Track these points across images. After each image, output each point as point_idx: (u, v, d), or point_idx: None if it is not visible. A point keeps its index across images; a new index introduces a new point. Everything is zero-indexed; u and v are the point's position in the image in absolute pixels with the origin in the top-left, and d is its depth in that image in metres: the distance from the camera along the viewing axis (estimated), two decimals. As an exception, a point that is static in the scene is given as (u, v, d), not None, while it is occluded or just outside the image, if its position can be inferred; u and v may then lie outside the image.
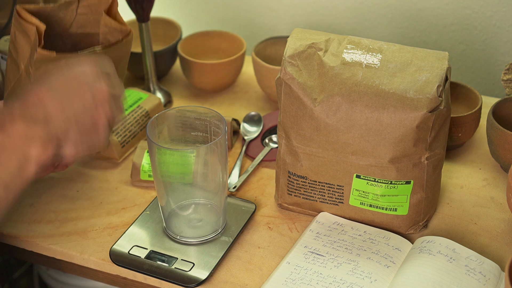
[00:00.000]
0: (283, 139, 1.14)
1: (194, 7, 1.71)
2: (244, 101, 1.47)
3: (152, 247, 1.11)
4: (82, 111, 0.85)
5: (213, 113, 1.10)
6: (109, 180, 1.27)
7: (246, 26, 1.68)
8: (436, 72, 1.05)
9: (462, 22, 1.51)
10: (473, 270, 1.03)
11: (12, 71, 1.10)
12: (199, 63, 1.44)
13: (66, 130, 0.84)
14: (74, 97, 0.85)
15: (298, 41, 1.10)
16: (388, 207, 1.11)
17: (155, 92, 1.45)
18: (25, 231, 1.17)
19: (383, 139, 1.06)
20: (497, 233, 1.14)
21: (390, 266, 1.06)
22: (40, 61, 1.05)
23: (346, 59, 1.08)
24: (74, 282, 1.49)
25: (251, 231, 1.16)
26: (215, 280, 1.07)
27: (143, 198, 1.23)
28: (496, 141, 1.21)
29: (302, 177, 1.14)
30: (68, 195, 1.24)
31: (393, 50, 1.09)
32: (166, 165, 1.07)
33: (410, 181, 1.09)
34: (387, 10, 1.55)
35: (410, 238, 1.13)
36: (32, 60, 1.04)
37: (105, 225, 1.17)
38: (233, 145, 1.35)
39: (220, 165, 1.08)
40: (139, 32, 1.40)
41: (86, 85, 0.85)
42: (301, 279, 1.05)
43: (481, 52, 1.53)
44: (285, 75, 1.09)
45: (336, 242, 1.11)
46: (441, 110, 1.05)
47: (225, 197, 1.12)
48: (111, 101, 0.88)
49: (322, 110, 1.07)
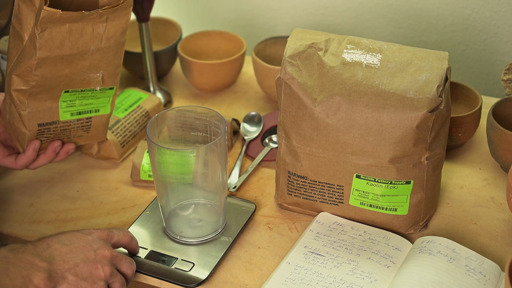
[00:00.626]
0: (283, 139, 1.14)
1: (194, 7, 1.71)
2: (244, 101, 1.47)
3: (152, 247, 1.11)
4: (82, 262, 0.96)
5: (213, 113, 1.10)
6: (109, 180, 1.27)
7: (246, 26, 1.68)
8: (436, 72, 1.05)
9: (462, 22, 1.51)
10: (473, 270, 1.03)
11: (15, 47, 1.10)
12: (199, 63, 1.44)
13: (65, 273, 0.94)
14: (78, 250, 0.97)
15: (298, 41, 1.10)
16: (388, 207, 1.11)
17: (155, 92, 1.45)
18: (25, 231, 1.17)
19: (383, 139, 1.06)
20: (497, 233, 1.14)
21: (390, 266, 1.06)
22: (45, 22, 1.05)
23: (346, 59, 1.08)
24: (74, 282, 1.49)
25: (251, 231, 1.16)
26: (215, 280, 1.07)
27: (143, 198, 1.23)
28: (496, 141, 1.21)
29: (302, 177, 1.14)
30: (68, 195, 1.24)
31: (393, 50, 1.09)
32: (166, 165, 1.07)
33: (410, 181, 1.09)
34: (387, 10, 1.55)
35: (410, 238, 1.13)
36: (38, 21, 1.05)
37: (105, 225, 1.17)
38: (233, 145, 1.35)
39: (220, 165, 1.08)
40: (139, 32, 1.40)
41: (90, 245, 0.98)
42: (301, 279, 1.05)
43: (481, 52, 1.53)
44: (285, 75, 1.09)
45: (336, 242, 1.11)
46: (441, 110, 1.05)
47: (225, 197, 1.12)
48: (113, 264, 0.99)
49: (322, 110, 1.07)
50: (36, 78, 1.09)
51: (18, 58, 1.09)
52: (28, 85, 1.10)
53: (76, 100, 1.16)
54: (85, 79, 1.14)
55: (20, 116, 1.13)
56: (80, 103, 1.17)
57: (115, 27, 1.12)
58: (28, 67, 1.08)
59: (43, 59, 1.08)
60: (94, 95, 1.17)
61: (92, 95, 1.17)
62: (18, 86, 1.10)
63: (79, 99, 1.16)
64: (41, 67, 1.08)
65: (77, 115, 1.18)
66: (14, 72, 1.10)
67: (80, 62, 1.12)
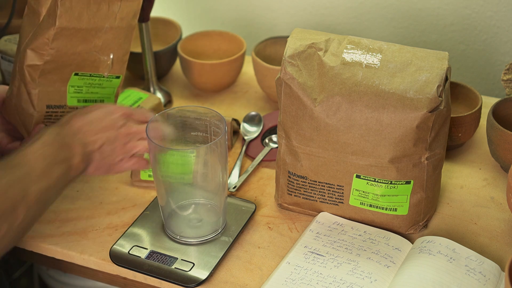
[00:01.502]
0: (283, 139, 1.14)
1: (194, 7, 1.71)
2: (244, 101, 1.47)
3: (152, 247, 1.11)
4: (107, 142, 1.07)
5: (213, 113, 1.10)
6: (109, 180, 1.27)
7: (246, 26, 1.68)
8: (436, 72, 1.05)
9: (462, 22, 1.51)
10: (473, 270, 1.03)
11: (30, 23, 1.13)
12: (199, 63, 1.44)
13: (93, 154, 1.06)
14: (104, 131, 1.07)
15: (298, 41, 1.10)
16: (388, 207, 1.11)
17: (155, 92, 1.45)
18: (25, 231, 1.17)
19: (383, 139, 1.06)
20: (497, 233, 1.14)
21: (390, 266, 1.06)
22: None
23: (346, 59, 1.08)
24: (74, 282, 1.49)
25: (251, 231, 1.16)
26: (215, 280, 1.07)
27: (143, 198, 1.23)
28: (496, 141, 1.21)
29: (302, 177, 1.14)
30: (68, 195, 1.24)
31: (393, 50, 1.09)
32: (166, 165, 1.07)
33: (410, 181, 1.09)
34: (387, 10, 1.55)
35: (410, 238, 1.13)
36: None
37: (105, 225, 1.17)
38: (233, 145, 1.35)
39: (220, 165, 1.08)
40: (139, 32, 1.40)
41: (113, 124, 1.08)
42: (301, 279, 1.05)
43: (481, 52, 1.53)
44: (285, 75, 1.09)
45: (336, 242, 1.11)
46: (441, 110, 1.05)
47: (225, 197, 1.12)
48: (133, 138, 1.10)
49: (322, 110, 1.07)
50: (52, 51, 1.12)
51: (34, 33, 1.12)
52: (42, 60, 1.12)
53: (83, 86, 1.18)
54: (95, 61, 1.17)
55: (29, 96, 1.14)
56: (87, 91, 1.19)
57: (128, 7, 1.16)
58: (46, 39, 1.11)
59: (62, 29, 1.10)
60: (100, 84, 1.20)
61: (99, 84, 1.20)
62: (31, 61, 1.12)
63: (86, 86, 1.19)
64: (58, 39, 1.11)
65: (84, 103, 1.20)
66: (30, 46, 1.12)
67: (93, 40, 1.15)
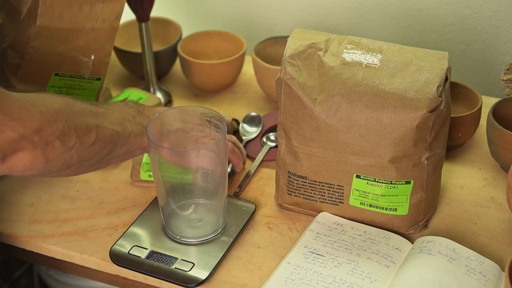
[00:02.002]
0: (283, 139, 1.14)
1: (194, 7, 1.71)
2: (244, 101, 1.47)
3: (152, 247, 1.11)
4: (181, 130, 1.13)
5: (213, 113, 1.10)
6: (109, 180, 1.27)
7: (246, 26, 1.68)
8: (436, 72, 1.05)
9: (462, 22, 1.51)
10: (473, 270, 1.03)
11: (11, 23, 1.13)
12: (199, 63, 1.44)
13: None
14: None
15: (298, 41, 1.10)
16: (388, 207, 1.11)
17: (155, 92, 1.45)
18: (25, 231, 1.17)
19: (383, 139, 1.06)
20: (497, 233, 1.14)
21: (390, 266, 1.06)
22: None
23: (346, 59, 1.08)
24: (74, 282, 1.49)
25: (251, 231, 1.16)
26: (215, 280, 1.08)
27: (143, 198, 1.23)
28: (496, 141, 1.21)
29: (302, 177, 1.14)
30: (68, 195, 1.24)
31: (393, 50, 1.09)
32: (166, 165, 1.07)
33: (410, 181, 1.09)
34: (387, 10, 1.55)
35: (410, 238, 1.13)
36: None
37: (105, 225, 1.17)
38: (233, 145, 1.35)
39: (220, 165, 1.08)
40: (139, 32, 1.40)
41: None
42: (301, 279, 1.05)
43: (481, 52, 1.53)
44: (285, 75, 1.09)
45: (336, 242, 1.11)
46: (441, 110, 1.05)
47: (225, 197, 1.12)
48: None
49: (322, 110, 1.07)
50: (32, 50, 1.11)
51: (14, 31, 1.11)
52: (21, 59, 1.11)
53: (63, 87, 1.18)
54: (76, 61, 1.17)
55: None
56: (67, 92, 1.19)
57: (111, 9, 1.16)
58: (26, 37, 1.10)
59: (42, 28, 1.10)
60: (81, 85, 1.20)
61: (79, 85, 1.20)
62: (11, 60, 1.12)
63: (67, 87, 1.18)
64: (39, 38, 1.10)
65: None
66: (10, 45, 1.11)
67: (75, 41, 1.14)
